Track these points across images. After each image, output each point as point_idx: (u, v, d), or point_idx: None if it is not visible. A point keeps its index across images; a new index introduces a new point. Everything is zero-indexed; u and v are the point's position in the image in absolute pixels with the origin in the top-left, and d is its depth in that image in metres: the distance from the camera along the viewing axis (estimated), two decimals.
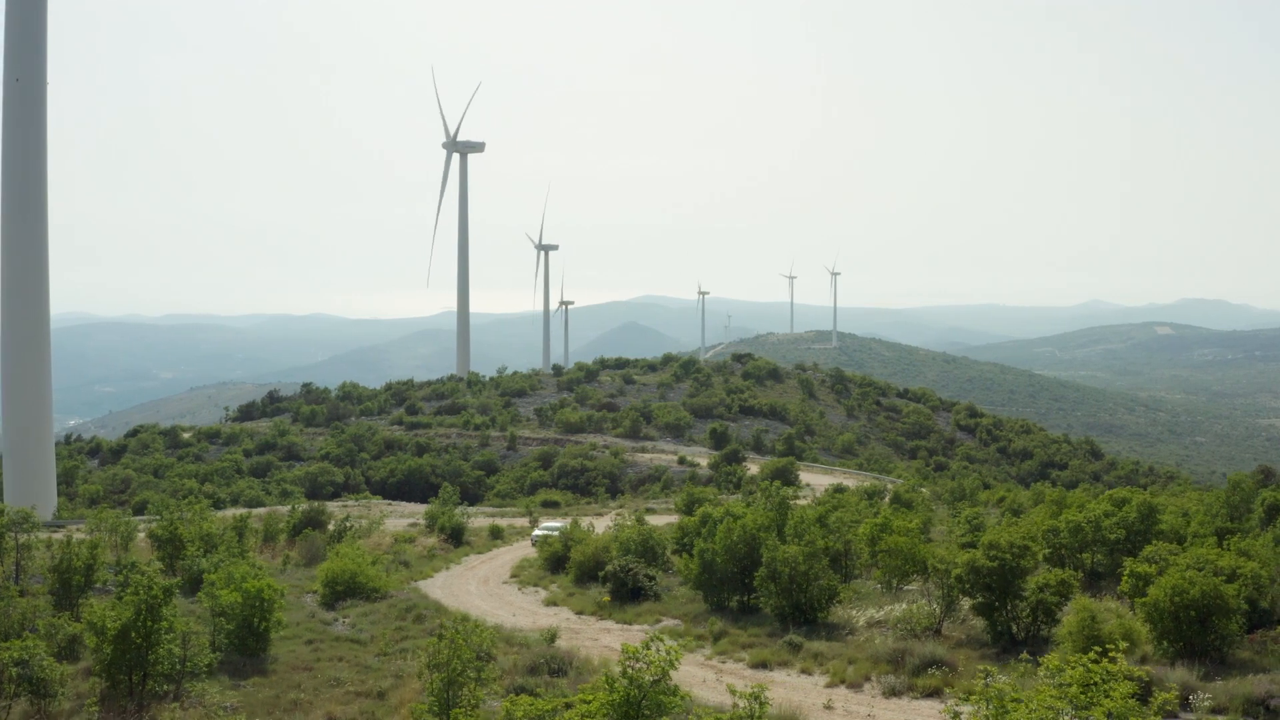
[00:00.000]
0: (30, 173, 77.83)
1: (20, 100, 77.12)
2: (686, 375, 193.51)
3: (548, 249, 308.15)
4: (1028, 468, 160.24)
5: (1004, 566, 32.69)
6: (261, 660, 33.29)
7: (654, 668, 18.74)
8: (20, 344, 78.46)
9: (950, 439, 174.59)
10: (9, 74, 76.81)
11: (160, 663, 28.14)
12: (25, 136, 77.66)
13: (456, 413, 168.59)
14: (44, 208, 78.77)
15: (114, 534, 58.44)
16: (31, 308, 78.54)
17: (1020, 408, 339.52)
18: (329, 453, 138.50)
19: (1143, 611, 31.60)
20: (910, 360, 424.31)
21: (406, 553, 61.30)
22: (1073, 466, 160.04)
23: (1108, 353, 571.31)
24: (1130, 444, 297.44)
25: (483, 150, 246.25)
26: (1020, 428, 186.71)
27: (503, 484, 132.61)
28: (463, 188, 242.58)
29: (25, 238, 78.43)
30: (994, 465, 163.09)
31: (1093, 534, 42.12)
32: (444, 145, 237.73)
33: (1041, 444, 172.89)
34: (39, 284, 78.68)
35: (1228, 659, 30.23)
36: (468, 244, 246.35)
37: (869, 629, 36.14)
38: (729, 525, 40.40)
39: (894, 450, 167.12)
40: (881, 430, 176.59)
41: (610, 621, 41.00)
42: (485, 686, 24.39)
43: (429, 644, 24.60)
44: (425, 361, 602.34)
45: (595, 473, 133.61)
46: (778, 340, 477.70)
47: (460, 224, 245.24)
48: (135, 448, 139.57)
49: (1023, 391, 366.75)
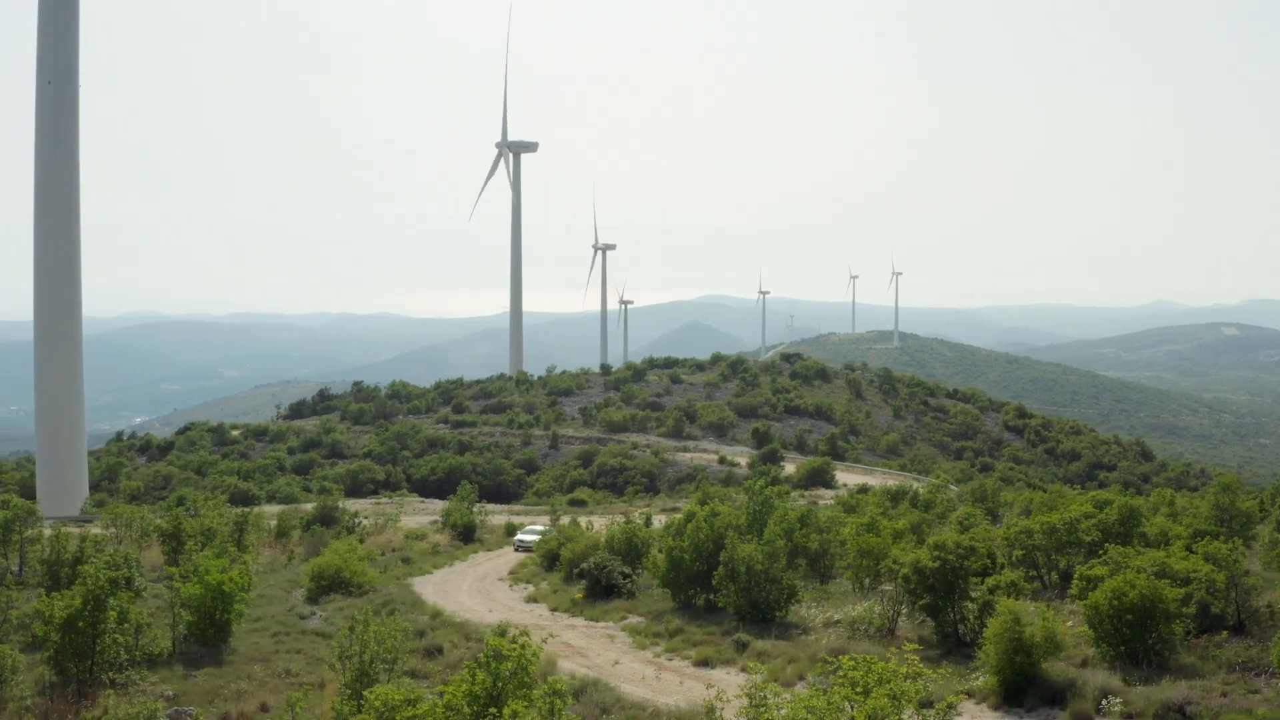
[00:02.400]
0: (63, 176, 80.00)
1: (53, 103, 79.23)
2: (734, 375, 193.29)
3: (605, 248, 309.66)
4: (1075, 469, 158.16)
5: (947, 567, 32.70)
6: (220, 651, 34.14)
7: (512, 661, 19.18)
8: (53, 344, 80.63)
9: (997, 440, 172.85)
10: (42, 77, 78.90)
11: (106, 651, 29.02)
12: (58, 139, 79.77)
13: (502, 411, 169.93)
14: (76, 211, 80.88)
15: (128, 529, 60.02)
16: (64, 308, 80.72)
17: (1083, 409, 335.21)
18: (371, 450, 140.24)
19: (1084, 615, 31.52)
20: (972, 361, 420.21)
21: (413, 549, 62.19)
22: (1121, 468, 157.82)
23: (1172, 354, 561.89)
24: (1193, 446, 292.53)
25: (535, 150, 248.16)
26: (1070, 429, 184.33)
27: (542, 482, 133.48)
28: (515, 188, 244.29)
29: (58, 241, 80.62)
30: (1040, 466, 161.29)
31: (1068, 536, 41.82)
32: (496, 145, 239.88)
33: (1090, 445, 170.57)
34: (71, 285, 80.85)
35: (1169, 664, 29.99)
36: (521, 243, 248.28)
37: (826, 629, 36.28)
38: (697, 523, 40.68)
39: (940, 451, 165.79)
40: (928, 431, 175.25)
41: (580, 619, 41.47)
42: (397, 677, 24.95)
43: (340, 635, 25.21)
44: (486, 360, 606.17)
45: (634, 471, 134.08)
46: (839, 340, 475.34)
47: (514, 224, 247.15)
48: (183, 445, 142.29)
49: (1085, 392, 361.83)
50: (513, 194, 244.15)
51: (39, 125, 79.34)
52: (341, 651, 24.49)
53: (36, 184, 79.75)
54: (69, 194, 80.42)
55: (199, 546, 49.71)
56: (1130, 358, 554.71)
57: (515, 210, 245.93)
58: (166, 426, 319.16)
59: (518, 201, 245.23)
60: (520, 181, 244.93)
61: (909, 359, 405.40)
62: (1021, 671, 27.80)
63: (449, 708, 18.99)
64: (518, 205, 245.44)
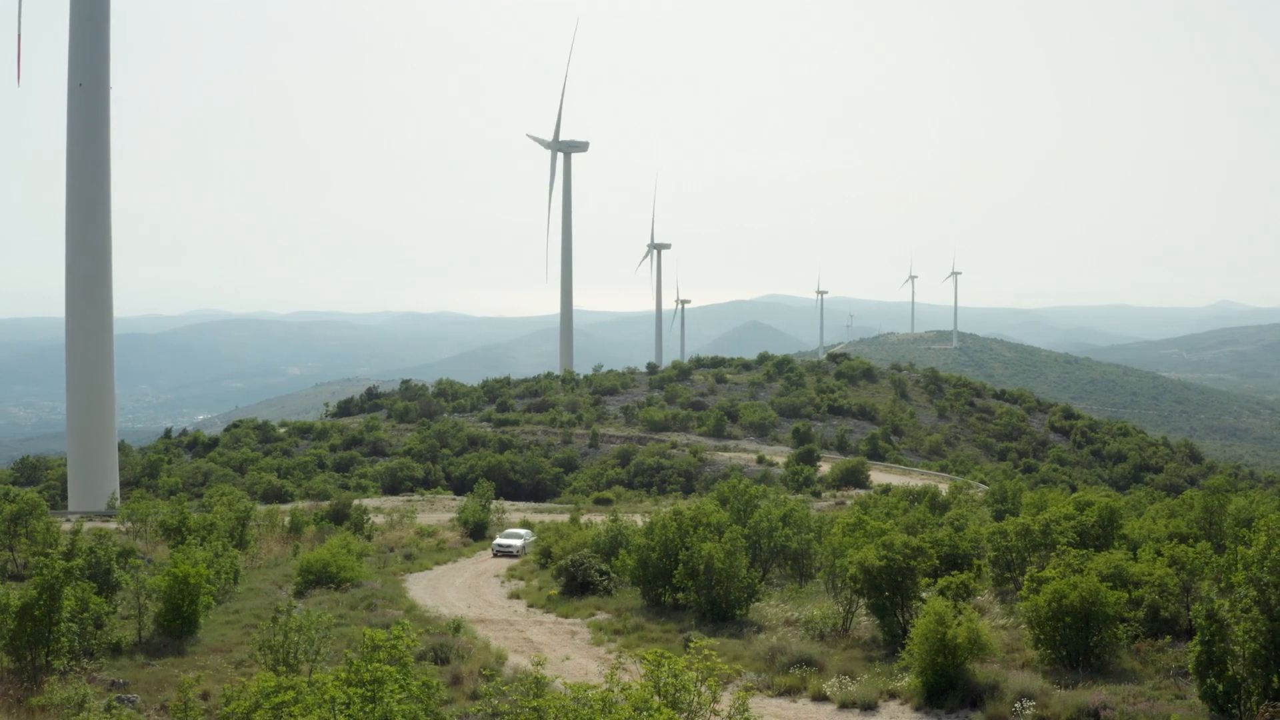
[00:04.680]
0: (94, 178, 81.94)
1: (84, 105, 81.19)
2: (779, 374, 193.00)
3: (659, 248, 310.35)
4: (1121, 471, 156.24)
5: (893, 567, 32.79)
6: (186, 642, 35.03)
7: (384, 651, 19.68)
8: (84, 343, 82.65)
9: (1042, 441, 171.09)
10: (73, 79, 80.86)
11: (60, 640, 29.97)
12: (89, 142, 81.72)
13: (545, 410, 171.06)
14: (108, 212, 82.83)
15: (142, 524, 61.52)
16: (95, 309, 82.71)
17: (1142, 410, 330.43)
18: (411, 448, 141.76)
19: (1024, 617, 31.48)
20: (1031, 361, 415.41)
21: (419, 546, 63.07)
22: (1168, 470, 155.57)
23: (1236, 355, 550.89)
24: (1254, 448, 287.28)
25: (586, 150, 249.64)
26: (1118, 430, 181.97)
27: (579, 481, 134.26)
28: (566, 187, 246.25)
29: (90, 242, 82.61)
30: (1086, 468, 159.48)
31: (1042, 538, 41.61)
32: (548, 145, 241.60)
33: (1137, 446, 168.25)
34: (102, 286, 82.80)
35: (1109, 667, 29.90)
36: (571, 243, 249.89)
37: (784, 628, 36.48)
38: (664, 521, 41.04)
39: (983, 452, 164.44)
40: (972, 431, 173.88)
41: (552, 615, 41.99)
42: (320, 667, 25.57)
43: (263, 625, 25.89)
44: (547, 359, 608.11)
45: (671, 470, 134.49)
46: (897, 340, 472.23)
47: (564, 223, 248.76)
48: (227, 442, 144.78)
49: (1145, 393, 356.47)
50: (563, 194, 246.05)
51: (70, 128, 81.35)
52: (263, 642, 25.18)
53: (68, 186, 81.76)
54: (100, 196, 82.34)
55: (199, 541, 50.97)
56: (1193, 359, 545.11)
57: (565, 210, 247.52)
58: (226, 424, 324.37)
59: (568, 202, 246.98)
60: (571, 181, 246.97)
61: (967, 359, 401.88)
62: (944, 673, 27.88)
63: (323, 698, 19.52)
64: (568, 205, 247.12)
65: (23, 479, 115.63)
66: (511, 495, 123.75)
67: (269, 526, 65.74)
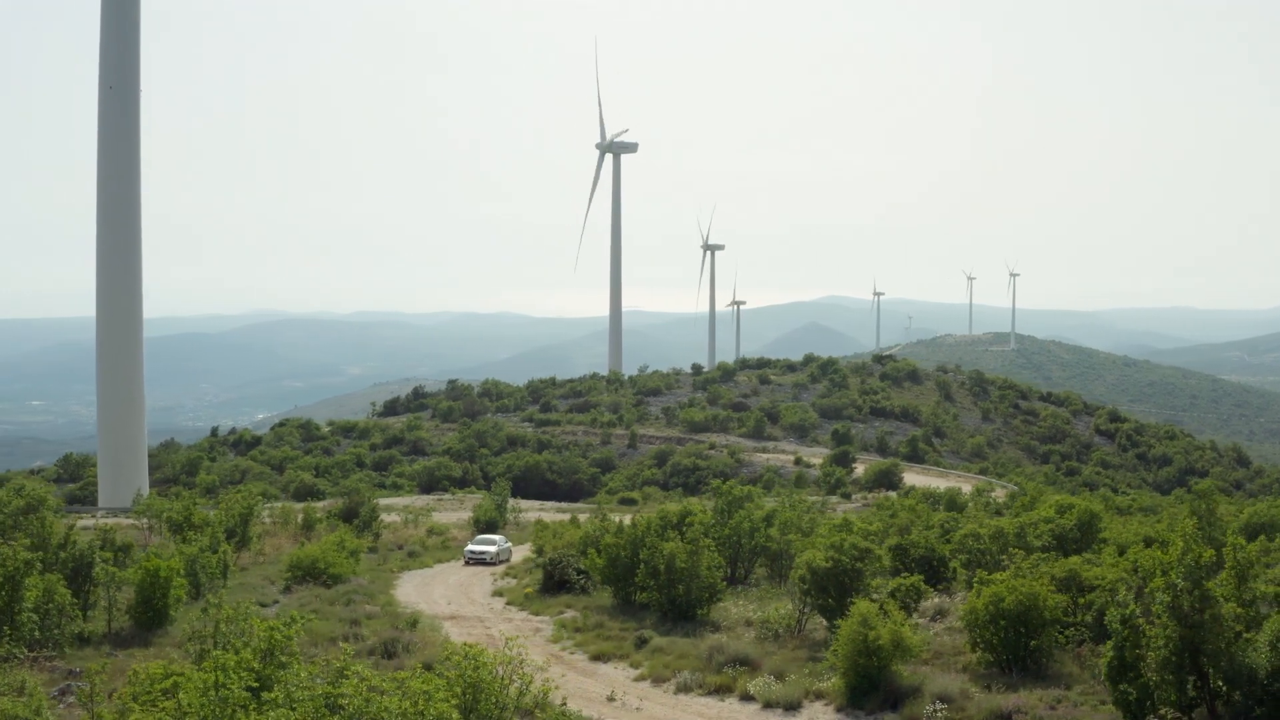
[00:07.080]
0: (124, 180, 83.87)
1: (114, 108, 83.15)
2: (823, 376, 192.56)
3: (713, 248, 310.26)
4: (1165, 474, 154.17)
5: (839, 568, 32.99)
6: (154, 633, 36.00)
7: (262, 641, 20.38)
8: (114, 343, 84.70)
9: (1086, 443, 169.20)
10: (104, 82, 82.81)
11: (20, 629, 31.03)
12: (119, 143, 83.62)
13: (587, 410, 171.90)
14: (138, 214, 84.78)
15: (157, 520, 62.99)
16: (125, 309, 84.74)
17: (1201, 413, 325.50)
18: (450, 448, 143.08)
19: (962, 620, 31.54)
20: (1089, 364, 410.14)
21: (425, 544, 63.98)
22: (1214, 474, 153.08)
23: None
24: None
25: (635, 151, 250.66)
26: (1164, 433, 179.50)
27: (616, 481, 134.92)
28: (615, 189, 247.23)
29: (120, 243, 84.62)
30: (1130, 471, 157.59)
31: (1016, 540, 41.53)
32: (597, 146, 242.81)
33: (1183, 450, 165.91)
34: (132, 287, 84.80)
35: (1047, 671, 29.88)
36: (620, 245, 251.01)
37: (741, 627, 36.76)
38: (634, 521, 41.46)
39: (1026, 455, 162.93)
40: (1016, 434, 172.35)
41: (525, 612, 42.59)
42: None
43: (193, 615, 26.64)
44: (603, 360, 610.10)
45: (706, 471, 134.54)
46: (955, 342, 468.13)
47: (613, 225, 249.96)
48: (271, 440, 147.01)
49: (1204, 397, 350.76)
50: (612, 195, 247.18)
51: (100, 130, 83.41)
52: (192, 632, 25.97)
53: (99, 188, 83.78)
54: (130, 197, 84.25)
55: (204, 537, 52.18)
56: (1255, 361, 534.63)
57: (615, 212, 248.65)
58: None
59: (617, 204, 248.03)
60: (620, 182, 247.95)
61: (1025, 361, 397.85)
62: (868, 674, 28.07)
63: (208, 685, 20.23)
64: (617, 207, 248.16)
65: (66, 476, 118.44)
66: (548, 495, 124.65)
67: (282, 523, 67.01)
